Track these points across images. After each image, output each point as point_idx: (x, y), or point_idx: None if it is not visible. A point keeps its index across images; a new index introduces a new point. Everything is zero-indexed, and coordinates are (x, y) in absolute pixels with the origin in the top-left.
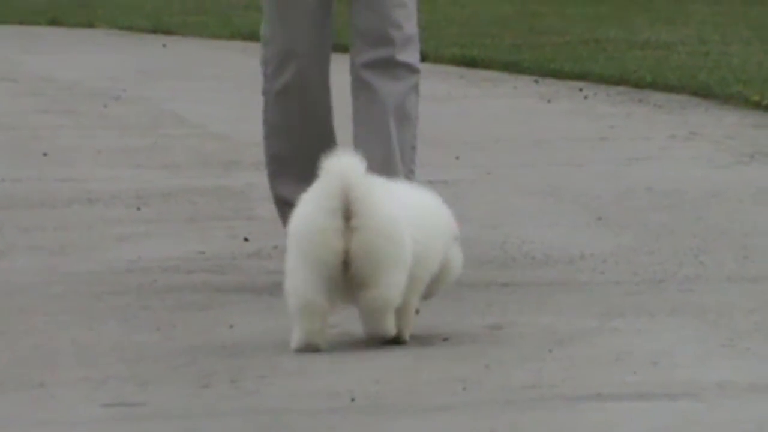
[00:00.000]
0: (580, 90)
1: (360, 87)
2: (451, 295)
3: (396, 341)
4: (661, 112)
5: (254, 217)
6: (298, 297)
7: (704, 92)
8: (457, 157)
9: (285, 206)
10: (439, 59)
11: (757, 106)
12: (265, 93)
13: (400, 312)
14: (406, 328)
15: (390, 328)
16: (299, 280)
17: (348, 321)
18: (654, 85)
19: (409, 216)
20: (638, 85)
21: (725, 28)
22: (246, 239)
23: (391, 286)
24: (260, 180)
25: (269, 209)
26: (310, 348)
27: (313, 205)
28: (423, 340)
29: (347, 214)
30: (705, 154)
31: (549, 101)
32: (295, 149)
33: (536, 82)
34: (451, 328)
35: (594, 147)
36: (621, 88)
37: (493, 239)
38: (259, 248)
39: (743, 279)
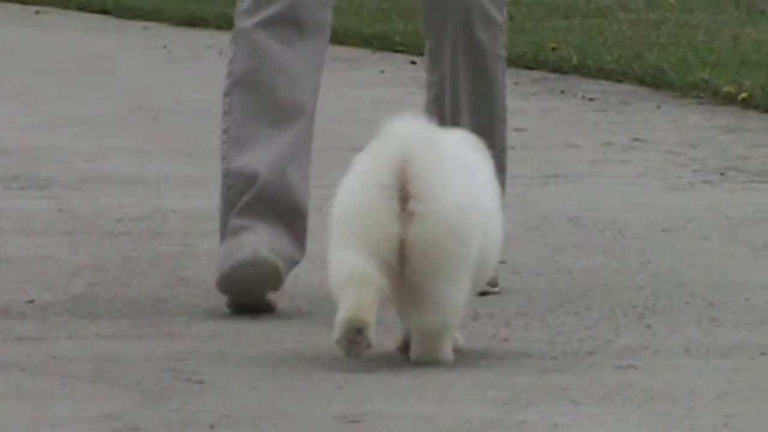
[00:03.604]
0: None
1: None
2: (286, 372)
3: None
4: (593, 109)
5: None
6: (344, 267)
7: (655, 80)
8: None
9: (239, 185)
10: None
11: (731, 100)
12: (237, 34)
13: None
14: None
15: (446, 354)
16: (345, 252)
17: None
18: (583, 70)
19: (483, 207)
20: (560, 68)
21: None
22: None
23: (452, 305)
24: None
25: (20, 226)
26: (357, 325)
27: (360, 178)
28: None
29: (403, 194)
30: (655, 170)
31: None
32: (263, 103)
33: (413, 63)
34: (283, 420)
35: None
36: (534, 74)
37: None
38: (7, 303)
39: (709, 351)
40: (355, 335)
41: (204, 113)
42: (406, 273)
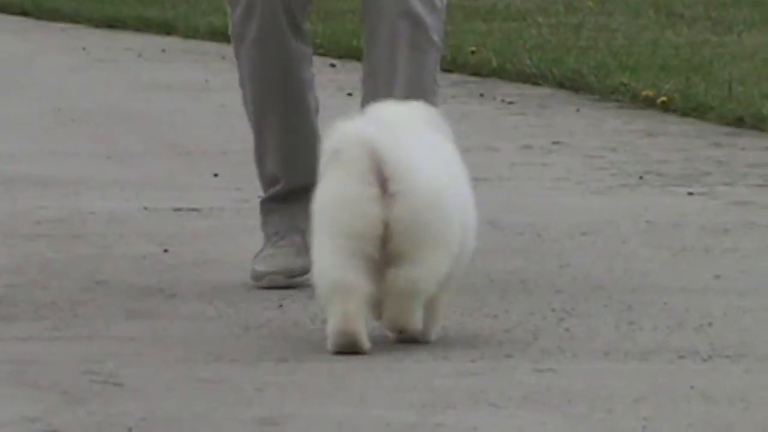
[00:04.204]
0: None
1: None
2: (204, 375)
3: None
4: (512, 112)
5: None
6: (328, 276)
7: (574, 84)
8: (216, 175)
9: (264, 177)
10: (192, 33)
11: (650, 104)
12: (234, 38)
13: (428, 307)
14: (433, 326)
15: (416, 320)
16: (327, 259)
17: None
18: (502, 73)
19: (455, 187)
20: (479, 72)
21: None
22: None
23: (431, 268)
24: None
25: None
26: (348, 338)
27: (338, 172)
28: None
29: (381, 178)
30: (574, 174)
31: (350, 94)
32: (272, 98)
33: (333, 66)
34: (201, 423)
35: None
36: (454, 77)
37: (266, 293)
38: None
39: (628, 354)
40: (347, 345)
41: (122, 115)
42: (387, 250)
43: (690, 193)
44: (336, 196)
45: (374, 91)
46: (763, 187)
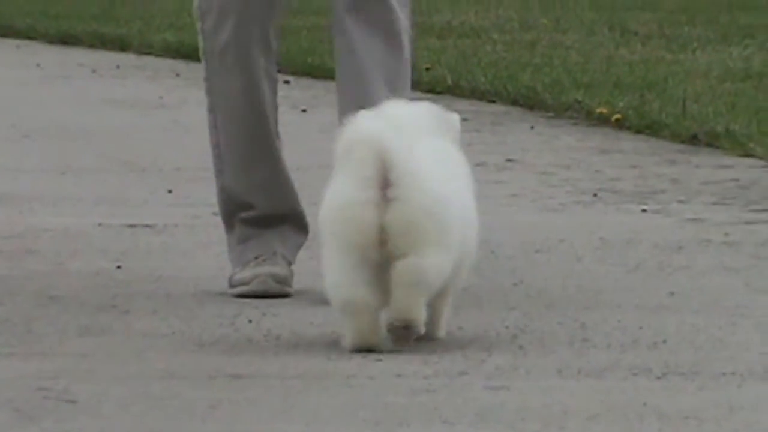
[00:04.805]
0: None
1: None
2: (158, 391)
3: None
4: (466, 129)
5: None
6: (339, 294)
7: (528, 101)
8: (170, 191)
9: (237, 204)
10: (147, 48)
11: (604, 121)
12: (205, 53)
13: (434, 307)
14: (440, 326)
15: (419, 313)
16: (336, 272)
17: None
18: (456, 90)
19: (457, 196)
20: (433, 89)
21: (559, 8)
22: None
23: (435, 261)
24: None
25: None
26: (365, 348)
27: (343, 176)
28: None
29: (384, 183)
30: (528, 191)
31: (305, 111)
32: (246, 127)
33: (287, 83)
34: None
35: None
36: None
37: (220, 309)
38: None
39: (581, 372)
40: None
41: (76, 131)
42: (385, 254)
43: (644, 211)
44: (335, 200)
45: (351, 77)
46: (717, 204)
